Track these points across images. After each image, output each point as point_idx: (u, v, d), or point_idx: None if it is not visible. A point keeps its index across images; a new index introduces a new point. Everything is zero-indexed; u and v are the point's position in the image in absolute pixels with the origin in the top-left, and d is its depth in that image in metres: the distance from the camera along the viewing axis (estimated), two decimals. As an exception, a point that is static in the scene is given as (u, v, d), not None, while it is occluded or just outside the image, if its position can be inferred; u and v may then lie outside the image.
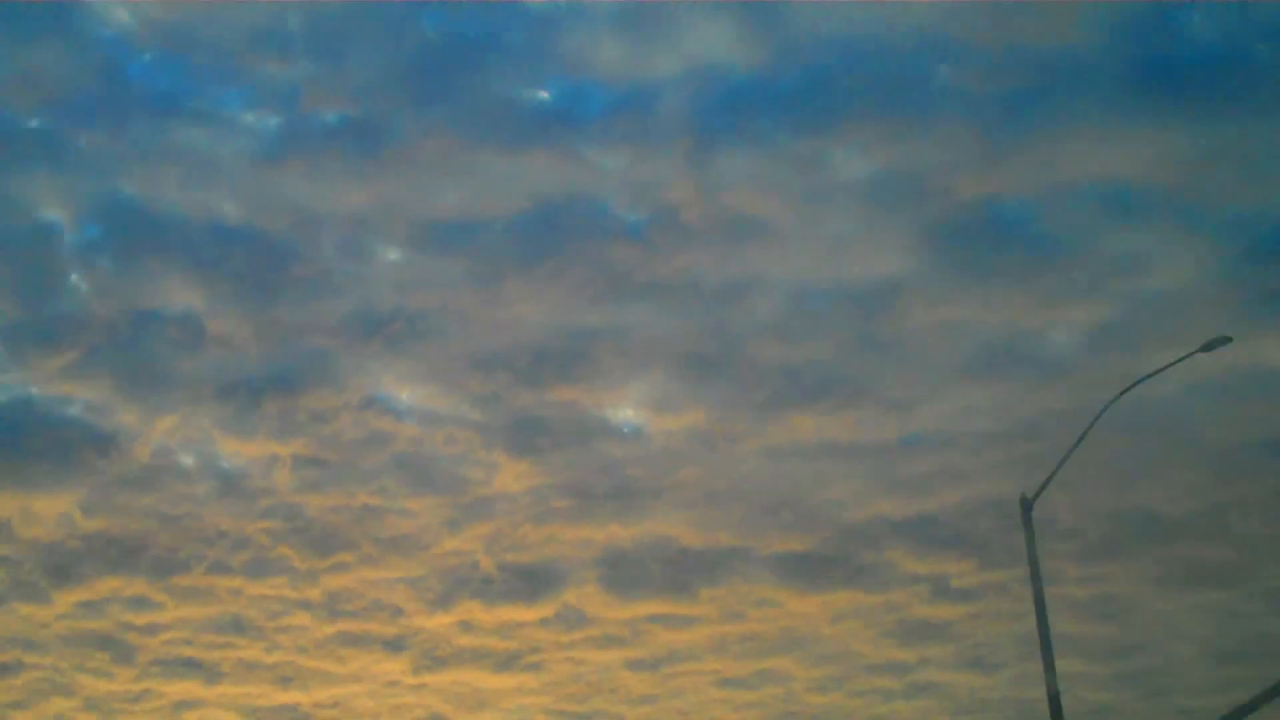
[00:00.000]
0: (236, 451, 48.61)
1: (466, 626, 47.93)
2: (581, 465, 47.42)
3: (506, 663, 47.10)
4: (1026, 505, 22.69)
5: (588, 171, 46.62)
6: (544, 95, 48.01)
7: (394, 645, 48.18)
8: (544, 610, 47.07)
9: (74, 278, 47.15)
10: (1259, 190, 42.19)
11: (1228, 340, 22.52)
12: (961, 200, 45.19)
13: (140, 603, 46.86)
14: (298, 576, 47.63)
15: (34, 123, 45.99)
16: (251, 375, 47.36)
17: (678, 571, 47.04)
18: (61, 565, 46.49)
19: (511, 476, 47.47)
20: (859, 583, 46.47)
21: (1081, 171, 44.09)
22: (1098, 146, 43.51)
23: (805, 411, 47.13)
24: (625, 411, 50.60)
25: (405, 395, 48.88)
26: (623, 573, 47.07)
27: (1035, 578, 22.13)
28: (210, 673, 47.34)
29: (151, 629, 47.05)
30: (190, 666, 47.17)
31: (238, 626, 47.62)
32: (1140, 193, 44.37)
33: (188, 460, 48.71)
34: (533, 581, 47.10)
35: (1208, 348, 22.66)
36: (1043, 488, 22.81)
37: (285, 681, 47.75)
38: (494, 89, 46.48)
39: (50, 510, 46.11)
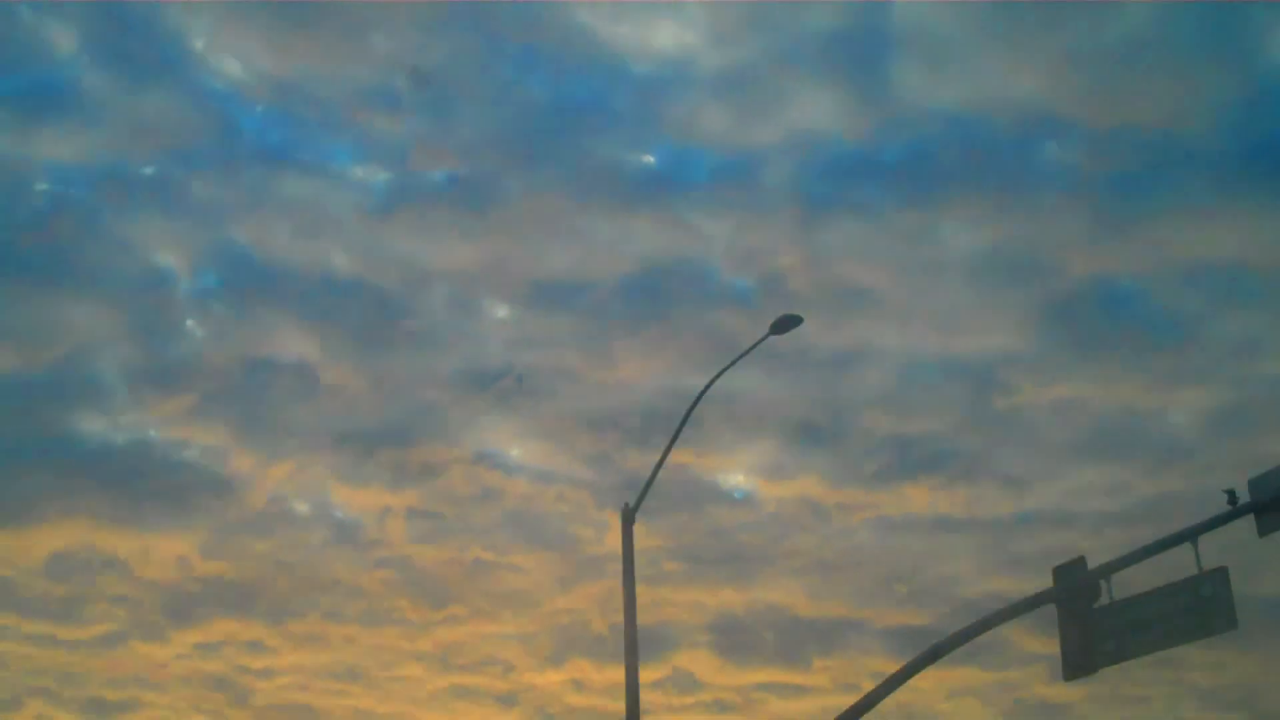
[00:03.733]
0: (350, 500, 49.19)
1: (578, 685, 47.88)
2: (693, 529, 47.41)
3: (618, 725, 46.80)
4: (628, 514, 22.61)
5: (694, 236, 47.00)
6: (649, 160, 48.60)
7: (506, 700, 48.23)
8: (655, 673, 46.88)
9: (190, 323, 48.13)
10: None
11: (799, 320, 22.55)
12: (1073, 277, 45.24)
13: (256, 646, 47.36)
14: (411, 627, 47.95)
15: (149, 170, 47.13)
16: (365, 425, 47.98)
17: (790, 640, 46.81)
18: (179, 606, 47.10)
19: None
20: (976, 660, 45.76)
21: (1194, 252, 43.97)
22: (1210, 227, 43.46)
23: (918, 484, 46.92)
24: (736, 477, 50.71)
25: (515, 451, 49.25)
26: (735, 638, 46.89)
27: (628, 585, 22.04)
28: (324, 719, 47.61)
29: (266, 673, 47.51)
30: (304, 712, 47.53)
31: (351, 674, 47.94)
32: (1254, 275, 44.32)
33: (302, 507, 49.34)
34: (644, 643, 46.44)
35: (778, 329, 22.61)
36: (643, 494, 22.75)
37: (397, 732, 47.89)
38: (600, 152, 47.09)
39: (169, 551, 46.75)
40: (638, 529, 22.44)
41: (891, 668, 19.72)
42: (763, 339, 22.85)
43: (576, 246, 47.91)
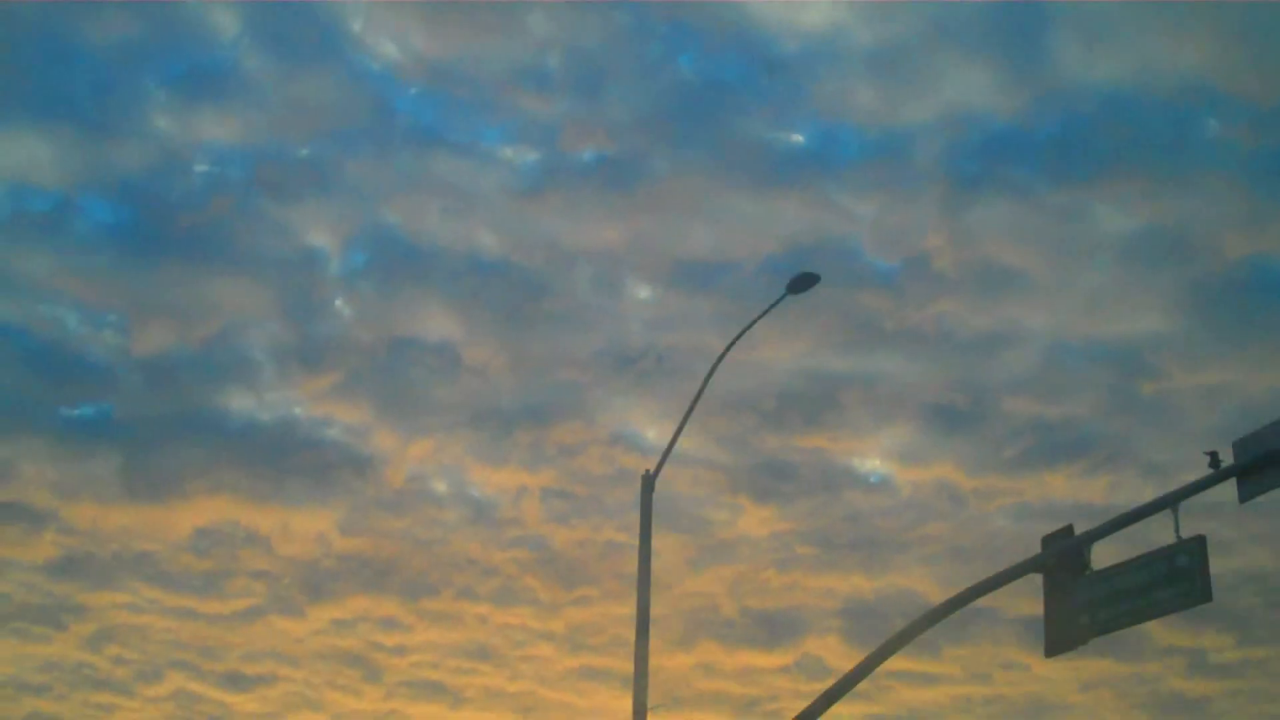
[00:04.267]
0: (487, 479, 49.62)
1: (707, 669, 47.61)
2: (826, 513, 46.68)
3: (746, 707, 46.50)
4: (648, 482, 22.11)
5: (839, 216, 46.07)
6: (797, 139, 47.75)
7: (633, 682, 48.19)
8: (784, 658, 46.42)
9: (338, 303, 48.99)
10: None
11: (816, 278, 22.15)
12: (1228, 259, 43.17)
13: (390, 623, 48.07)
14: (542, 607, 48.19)
15: (304, 152, 48.19)
16: (504, 405, 48.35)
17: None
18: (317, 582, 48.15)
19: (755, 520, 46.99)
20: (1111, 651, 44.31)
21: (1356, 234, 41.82)
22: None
23: (1059, 471, 45.41)
24: (872, 461, 49.63)
25: (651, 433, 49.10)
26: (865, 625, 45.98)
27: (644, 554, 21.57)
28: (455, 698, 48.17)
29: (400, 650, 48.21)
30: (436, 690, 48.11)
31: (483, 653, 48.33)
32: None
33: (440, 486, 49.99)
34: (774, 628, 46.51)
35: (795, 288, 22.12)
36: (663, 461, 22.20)
37: (526, 711, 48.27)
38: (748, 131, 46.47)
39: (308, 528, 47.88)
40: (768, 511, 22.24)
41: (1025, 658, 19.25)
42: (780, 299, 22.39)
43: (721, 226, 47.55)
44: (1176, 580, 16.80)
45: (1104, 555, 18.24)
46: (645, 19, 46.46)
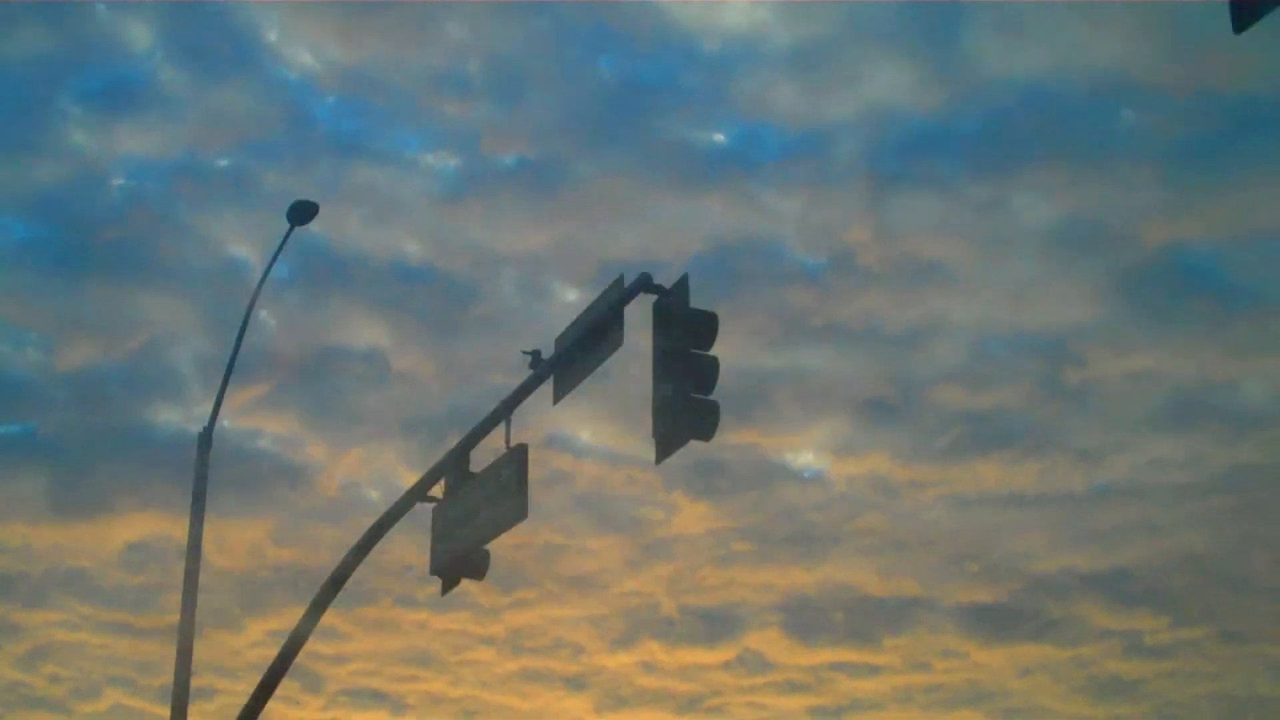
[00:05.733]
0: (421, 487, 49.49)
1: (648, 667, 47.74)
2: (761, 508, 46.87)
3: (688, 705, 46.70)
4: (204, 439, 21.54)
5: (764, 214, 46.21)
6: (719, 138, 48.04)
7: (576, 683, 48.17)
8: (725, 654, 46.63)
9: (263, 314, 48.65)
10: None
11: (315, 207, 22.07)
12: (1148, 247, 43.95)
13: (328, 633, 47.64)
14: (481, 612, 48.01)
15: (224, 163, 47.83)
16: (434, 412, 47.98)
17: (861, 619, 46.10)
18: (252, 594, 47.79)
19: (691, 518, 47.07)
20: (1048, 636, 45.02)
21: (1272, 220, 42.42)
22: (1288, 193, 42.03)
23: (990, 459, 46.00)
24: (805, 455, 50.04)
25: (585, 435, 49.16)
26: (805, 619, 46.28)
27: (196, 522, 20.78)
28: (396, 704, 47.97)
29: (339, 659, 47.84)
30: (376, 698, 47.82)
31: (423, 660, 48.14)
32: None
33: (373, 494, 49.63)
34: (714, 624, 46.70)
35: (296, 217, 21.98)
36: (213, 419, 21.88)
37: (469, 716, 48.12)
38: (670, 131, 46.53)
39: (241, 540, 47.44)
40: (704, 508, 21.86)
41: (964, 646, 18.73)
42: (288, 234, 22.22)
43: (646, 227, 47.54)
44: (501, 496, 15.55)
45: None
46: (564, 21, 46.49)
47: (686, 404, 13.79)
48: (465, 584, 17.33)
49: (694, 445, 13.83)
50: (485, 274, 47.59)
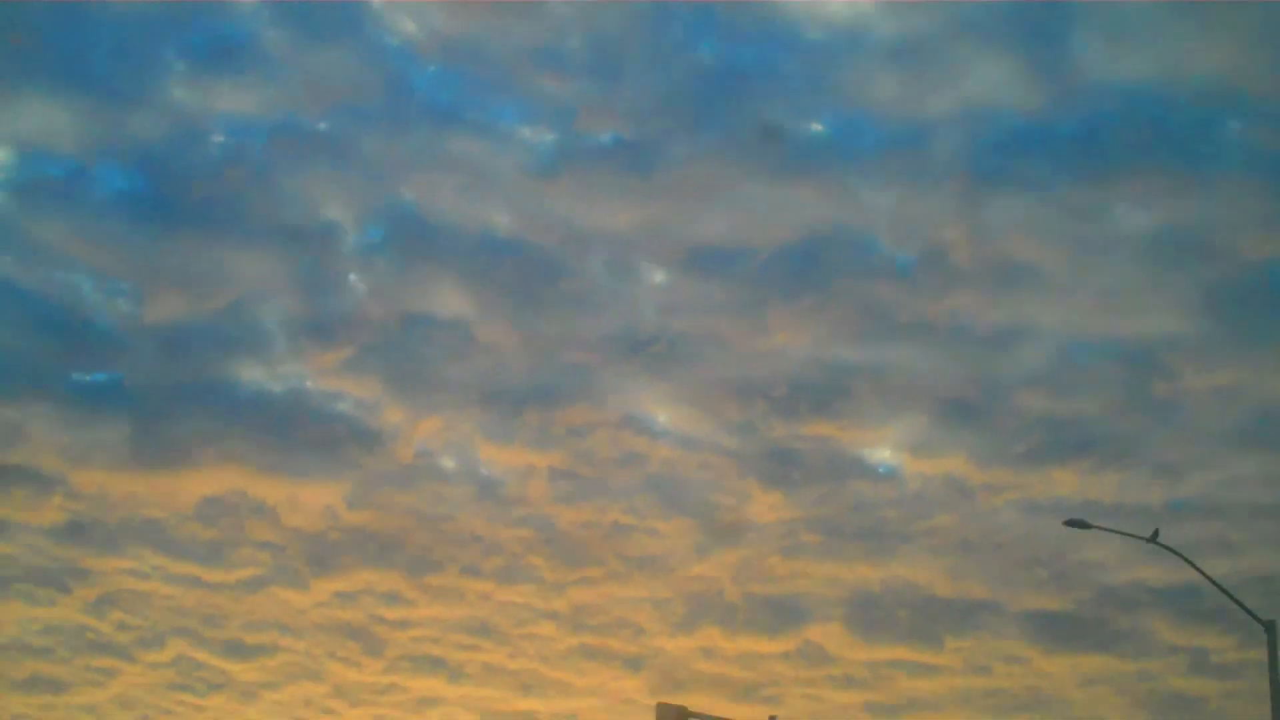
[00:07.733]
0: (494, 458, 49.90)
1: (707, 653, 47.83)
2: (833, 502, 46.92)
3: (745, 693, 46.73)
4: None
5: (857, 206, 46.29)
6: (817, 128, 47.97)
7: (633, 664, 48.44)
8: (785, 644, 46.61)
9: (352, 278, 49.19)
10: None
11: None
12: (1245, 261, 43.44)
13: (393, 598, 48.29)
14: (545, 587, 48.37)
15: (322, 126, 48.33)
16: (514, 385, 48.56)
17: (924, 619, 46.01)
18: (322, 555, 48.36)
19: (763, 507, 47.26)
20: (1113, 648, 44.72)
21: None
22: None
23: (1068, 467, 45.69)
24: (882, 451, 49.95)
25: (662, 417, 49.25)
26: (868, 614, 46.23)
27: None
28: (454, 673, 48.40)
29: (402, 624, 48.42)
30: (436, 665, 48.32)
31: (484, 630, 48.62)
32: None
33: (448, 463, 50.17)
34: (776, 614, 46.74)
35: None
36: None
37: (526, 689, 48.51)
38: (767, 118, 46.62)
39: (315, 501, 48.02)
40: (776, 498, 21.89)
41: (1026, 652, 18.74)
42: None
43: (737, 213, 47.70)
44: None
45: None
46: (667, 3, 46.45)
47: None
48: (530, 558, 17.37)
49: (770, 434, 13.76)
50: (573, 251, 47.82)
